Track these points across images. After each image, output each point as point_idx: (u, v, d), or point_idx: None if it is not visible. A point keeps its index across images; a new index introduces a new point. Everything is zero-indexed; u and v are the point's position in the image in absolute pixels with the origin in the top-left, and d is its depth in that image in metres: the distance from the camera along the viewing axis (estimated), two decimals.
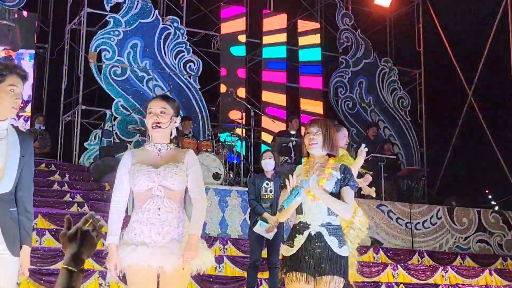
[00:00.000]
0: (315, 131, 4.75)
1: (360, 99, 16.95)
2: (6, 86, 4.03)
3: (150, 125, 4.47)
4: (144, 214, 4.34)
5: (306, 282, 4.56)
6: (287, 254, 4.66)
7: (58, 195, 10.82)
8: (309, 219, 4.66)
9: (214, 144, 12.18)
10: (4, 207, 3.99)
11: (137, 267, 4.24)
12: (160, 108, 4.46)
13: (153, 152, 4.48)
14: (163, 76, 14.52)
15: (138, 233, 4.32)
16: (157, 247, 4.27)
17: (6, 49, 14.37)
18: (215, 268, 9.13)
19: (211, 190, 10.92)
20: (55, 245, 8.86)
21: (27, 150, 4.17)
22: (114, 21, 14.33)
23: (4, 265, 3.99)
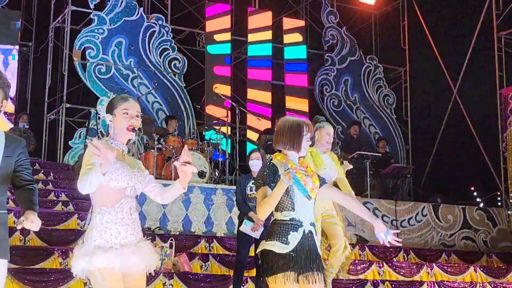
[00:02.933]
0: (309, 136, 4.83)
1: (345, 97, 16.96)
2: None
3: (124, 126, 4.36)
4: (118, 214, 4.27)
5: (296, 280, 4.53)
6: (281, 251, 4.55)
7: (43, 194, 10.74)
8: (301, 217, 4.61)
9: (199, 142, 12.14)
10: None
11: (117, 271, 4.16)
12: (136, 112, 4.42)
13: (119, 152, 4.38)
14: (148, 74, 14.48)
15: (115, 233, 4.23)
16: (134, 247, 4.25)
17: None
18: (201, 267, 9.11)
19: (196, 188, 10.90)
20: (39, 244, 8.81)
21: (14, 150, 4.09)
22: (98, 19, 14.27)
23: None
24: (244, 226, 7.84)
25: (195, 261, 9.11)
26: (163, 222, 10.46)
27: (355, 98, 17.08)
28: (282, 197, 4.60)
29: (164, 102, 14.53)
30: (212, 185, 11.20)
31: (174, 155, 11.36)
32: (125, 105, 4.41)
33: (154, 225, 10.27)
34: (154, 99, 14.41)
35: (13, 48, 14.72)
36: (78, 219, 9.71)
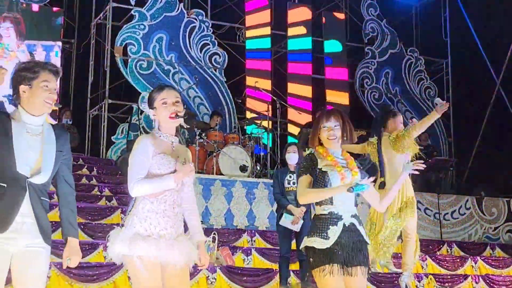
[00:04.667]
0: (334, 125, 4.69)
1: (386, 90, 16.85)
2: (40, 82, 4.06)
3: (167, 116, 4.37)
4: (161, 205, 4.27)
5: (340, 274, 4.51)
6: (322, 247, 4.54)
7: (87, 189, 10.88)
8: (340, 210, 4.58)
9: (241, 137, 12.18)
10: (36, 195, 4.01)
11: (155, 261, 4.18)
12: (175, 98, 4.41)
13: (168, 143, 4.41)
14: (188, 69, 14.54)
15: (154, 223, 4.24)
16: (173, 240, 4.26)
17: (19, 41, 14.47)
18: (243, 260, 9.14)
19: (238, 182, 10.94)
20: (84, 238, 8.91)
21: (64, 145, 4.20)
22: (139, 15, 14.38)
23: (37, 258, 4.01)
24: (284, 219, 7.84)
25: (237, 255, 9.15)
26: (205, 216, 10.51)
27: (396, 91, 16.95)
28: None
29: (205, 97, 14.59)
30: (254, 179, 11.22)
31: (216, 149, 11.41)
32: (162, 95, 4.42)
33: None
34: (195, 94, 14.47)
35: (54, 44, 14.93)
36: (122, 214, 9.79)
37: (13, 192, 3.94)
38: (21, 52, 14.48)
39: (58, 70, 4.19)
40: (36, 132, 4.09)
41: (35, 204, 3.99)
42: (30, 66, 4.13)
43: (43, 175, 4.03)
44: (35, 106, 4.08)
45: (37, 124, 4.11)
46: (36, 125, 4.10)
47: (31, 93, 4.07)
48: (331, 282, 4.50)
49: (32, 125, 4.09)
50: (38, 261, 4.01)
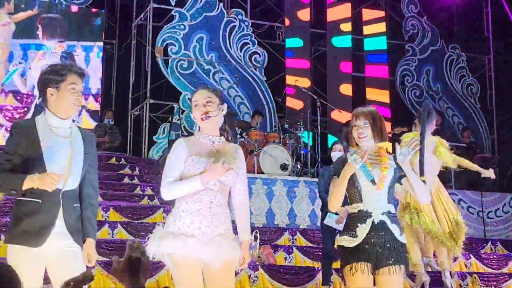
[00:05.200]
0: (363, 124, 4.67)
1: (427, 87, 16.70)
2: (67, 84, 4.11)
3: (199, 117, 4.43)
4: (196, 205, 4.30)
5: (369, 273, 4.48)
6: (350, 245, 4.53)
7: (129, 188, 10.99)
8: (370, 207, 4.55)
9: (281, 135, 12.18)
10: (69, 203, 4.08)
11: (186, 259, 4.20)
12: (205, 99, 4.43)
13: (207, 144, 4.44)
14: (229, 68, 14.59)
15: (188, 223, 4.27)
16: (207, 240, 4.25)
17: (60, 42, 14.66)
18: (285, 259, 9.16)
19: (279, 181, 10.95)
20: (126, 237, 9.01)
21: (91, 147, 4.25)
22: (179, 16, 14.47)
23: (73, 257, 4.10)
24: (328, 219, 7.84)
25: (279, 253, 9.17)
26: None
27: (437, 88, 16.80)
28: (350, 189, 4.59)
29: (245, 96, 14.63)
30: (295, 178, 11.22)
31: (257, 148, 11.44)
32: (194, 97, 4.50)
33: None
34: (236, 93, 14.51)
35: (94, 44, 15.08)
36: (164, 213, 9.87)
37: (48, 207, 4.01)
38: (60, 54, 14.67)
39: (84, 72, 4.24)
40: (65, 135, 4.14)
41: (67, 212, 4.07)
42: (57, 68, 4.16)
43: (73, 181, 4.10)
44: (63, 109, 4.12)
45: (65, 127, 4.16)
46: (64, 128, 4.15)
47: (59, 96, 4.11)
48: (358, 280, 4.48)
49: (60, 128, 4.13)
50: (71, 259, 4.08)
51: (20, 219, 4.02)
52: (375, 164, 4.60)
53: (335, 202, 4.63)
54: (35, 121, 4.14)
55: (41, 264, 4.03)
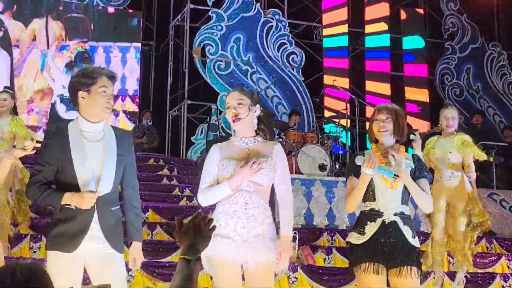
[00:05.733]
0: (385, 118, 4.59)
1: (467, 86, 16.50)
2: (98, 87, 4.09)
3: (230, 120, 4.45)
4: (231, 207, 4.31)
5: (378, 272, 4.39)
6: (357, 242, 4.47)
7: (168, 189, 11.01)
8: (382, 206, 4.48)
9: (319, 136, 12.12)
10: (105, 207, 4.06)
11: (221, 260, 4.22)
12: (236, 101, 4.42)
13: (240, 146, 4.45)
14: (266, 68, 14.57)
15: (223, 224, 4.28)
16: (242, 242, 4.25)
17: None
18: (324, 260, 9.09)
19: (317, 181, 10.88)
20: (166, 238, 9.02)
21: (126, 148, 4.22)
22: (216, 16, 14.49)
23: (110, 260, 4.08)
24: None
25: (318, 254, 9.11)
26: None
27: (478, 86, 16.59)
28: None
29: (283, 96, 14.59)
30: (333, 178, 11.14)
31: (295, 148, 11.39)
32: (226, 99, 4.51)
33: (276, 218, 10.31)
34: (273, 93, 14.49)
35: (130, 45, 15.16)
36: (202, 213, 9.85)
37: (82, 213, 3.99)
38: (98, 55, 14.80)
39: (114, 75, 4.23)
40: (97, 138, 4.12)
41: (103, 215, 4.05)
42: (88, 72, 4.15)
43: (106, 185, 4.06)
44: (94, 112, 4.11)
45: (97, 131, 4.14)
46: (95, 132, 4.13)
47: (90, 99, 4.10)
48: (369, 280, 4.41)
49: (92, 132, 4.11)
50: (107, 263, 4.07)
51: (56, 226, 4.06)
52: (390, 164, 4.51)
53: (352, 206, 4.57)
54: (67, 126, 4.14)
55: (78, 267, 4.04)
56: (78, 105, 4.14)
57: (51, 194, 3.98)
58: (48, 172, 4.03)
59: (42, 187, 3.99)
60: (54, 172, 4.04)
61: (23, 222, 8.05)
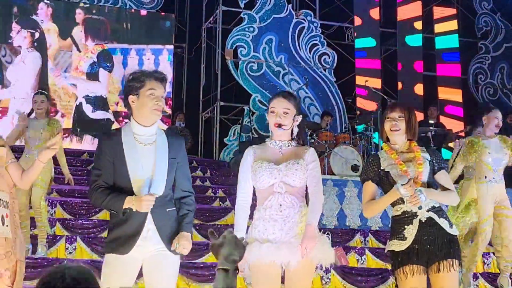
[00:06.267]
0: (397, 116, 4.53)
1: (501, 85, 16.37)
2: (146, 90, 4.12)
3: (272, 124, 4.47)
4: (266, 211, 4.34)
5: (420, 273, 4.36)
6: (400, 248, 4.40)
7: (201, 190, 11.07)
8: (413, 207, 4.42)
9: (352, 136, 12.12)
10: (159, 209, 4.07)
11: (261, 265, 4.21)
12: (283, 109, 4.44)
13: (274, 149, 4.49)
14: (298, 70, 14.60)
15: (262, 230, 4.32)
16: (281, 243, 4.26)
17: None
18: (357, 260, 9.09)
19: (350, 182, 10.87)
20: (199, 239, 9.08)
21: (178, 152, 4.23)
22: (248, 18, 14.56)
23: (164, 261, 4.09)
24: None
25: (351, 255, 9.10)
26: None
27: None
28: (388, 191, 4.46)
29: (315, 97, 14.61)
30: None
31: (327, 149, 11.40)
32: (272, 104, 4.52)
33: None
34: (305, 94, 14.51)
35: (163, 48, 15.29)
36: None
37: (136, 215, 4.03)
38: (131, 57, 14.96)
39: (164, 77, 4.25)
40: (149, 141, 4.14)
41: (158, 217, 4.06)
42: (137, 76, 4.18)
43: (158, 187, 4.08)
44: (144, 115, 4.13)
45: (149, 134, 4.16)
46: (147, 135, 4.15)
47: (139, 103, 4.13)
48: (410, 283, 4.37)
49: (144, 136, 4.14)
50: (164, 264, 4.09)
51: (112, 229, 4.13)
52: (408, 162, 4.47)
53: (373, 214, 4.63)
54: (121, 130, 4.18)
55: (132, 269, 4.08)
56: (130, 109, 4.19)
57: (113, 199, 4.02)
58: (106, 175, 4.08)
59: (105, 192, 4.04)
60: (112, 175, 4.09)
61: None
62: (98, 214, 9.19)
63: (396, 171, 4.47)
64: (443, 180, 4.54)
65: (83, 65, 14.62)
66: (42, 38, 14.53)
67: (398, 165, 4.46)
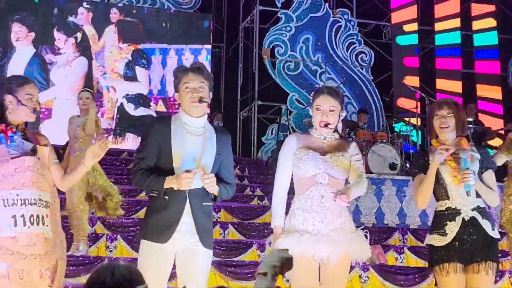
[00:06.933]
0: (446, 113, 4.51)
1: None
2: (182, 85, 4.21)
3: (318, 122, 4.46)
4: (307, 201, 4.33)
5: (459, 271, 4.36)
6: (440, 244, 4.40)
7: (239, 189, 11.11)
8: (458, 204, 4.41)
9: (389, 135, 12.09)
10: (197, 201, 4.12)
11: (300, 256, 4.17)
12: (329, 107, 4.43)
13: (319, 139, 4.48)
14: (335, 68, 14.60)
15: (301, 220, 4.32)
16: (321, 236, 4.26)
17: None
18: (396, 259, 9.08)
19: (388, 180, 10.86)
20: (237, 237, 9.15)
21: (223, 148, 4.27)
22: (285, 17, 14.60)
23: (196, 255, 4.14)
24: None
25: (389, 253, 9.10)
26: (356, 214, 10.51)
27: None
28: (436, 187, 4.45)
29: (352, 96, 14.60)
30: (404, 177, 11.10)
31: (365, 148, 11.40)
32: (318, 101, 4.50)
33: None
34: (343, 93, 14.48)
35: (202, 47, 15.40)
36: None
37: (174, 204, 4.08)
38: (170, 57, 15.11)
39: (199, 66, 4.28)
40: (197, 133, 4.19)
41: (195, 209, 4.11)
42: (174, 73, 4.31)
43: (200, 180, 4.10)
44: (187, 109, 4.19)
45: (198, 126, 4.21)
46: (196, 126, 4.20)
47: (180, 98, 4.23)
48: (450, 281, 4.37)
49: (192, 126, 4.19)
50: (197, 258, 4.13)
51: (149, 215, 4.18)
52: (458, 159, 4.43)
53: (423, 199, 4.49)
54: (171, 117, 4.26)
55: (168, 260, 4.12)
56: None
57: (154, 179, 4.07)
58: (149, 159, 4.15)
59: (145, 174, 4.11)
60: (155, 160, 4.15)
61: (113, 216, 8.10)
62: (138, 212, 9.30)
63: (445, 167, 4.45)
64: (489, 180, 4.53)
65: (118, 66, 14.79)
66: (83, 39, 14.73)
67: (448, 162, 4.45)
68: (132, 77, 14.77)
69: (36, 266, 3.89)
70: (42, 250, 3.92)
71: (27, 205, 3.91)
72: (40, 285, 3.91)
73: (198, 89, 4.18)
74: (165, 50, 15.10)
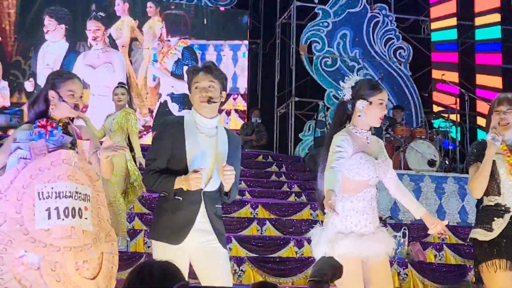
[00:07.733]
0: (506, 109, 4.44)
1: None
2: (193, 85, 4.18)
3: (377, 117, 4.39)
4: (360, 203, 4.29)
5: (508, 269, 4.27)
6: (484, 238, 4.34)
7: (276, 185, 11.13)
8: (509, 201, 4.36)
9: (428, 131, 11.98)
10: (211, 203, 4.12)
11: (356, 257, 4.18)
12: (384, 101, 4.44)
13: (362, 139, 4.40)
14: (373, 64, 14.51)
15: (355, 222, 4.27)
16: (371, 234, 4.27)
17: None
18: (435, 256, 9.01)
19: (426, 177, 10.78)
20: (275, 234, 9.15)
21: (234, 150, 4.27)
22: (322, 13, 14.54)
23: (216, 253, 4.13)
24: None
25: (428, 251, 9.03)
26: (394, 211, 10.45)
27: None
28: (489, 180, 4.38)
29: (390, 92, 14.48)
30: (443, 174, 11.01)
31: (403, 144, 11.31)
32: (379, 96, 4.43)
33: (385, 214, 10.28)
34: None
35: (241, 43, 15.43)
36: (311, 209, 9.93)
37: (189, 206, 4.07)
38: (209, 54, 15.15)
39: (209, 65, 4.23)
40: (210, 134, 4.18)
41: (209, 210, 4.10)
42: (187, 71, 4.30)
43: (215, 182, 4.12)
44: (198, 108, 4.18)
45: (210, 126, 4.20)
46: (209, 127, 4.19)
47: (192, 97, 4.22)
48: (499, 278, 4.30)
49: (205, 127, 4.17)
50: (216, 256, 4.13)
51: (162, 216, 4.14)
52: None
53: (480, 187, 4.40)
54: (183, 118, 4.23)
55: (183, 260, 4.06)
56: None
57: (164, 180, 4.05)
58: (160, 161, 4.12)
59: (156, 174, 4.08)
60: (167, 161, 4.13)
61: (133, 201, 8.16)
62: None
63: (502, 162, 4.41)
64: None
65: (167, 62, 14.85)
66: (120, 35, 14.82)
67: (506, 157, 4.40)
68: (181, 76, 14.80)
69: (70, 258, 3.88)
70: (78, 242, 3.92)
71: (61, 198, 3.92)
72: (75, 277, 3.90)
73: (207, 89, 4.15)
74: (204, 46, 15.15)
